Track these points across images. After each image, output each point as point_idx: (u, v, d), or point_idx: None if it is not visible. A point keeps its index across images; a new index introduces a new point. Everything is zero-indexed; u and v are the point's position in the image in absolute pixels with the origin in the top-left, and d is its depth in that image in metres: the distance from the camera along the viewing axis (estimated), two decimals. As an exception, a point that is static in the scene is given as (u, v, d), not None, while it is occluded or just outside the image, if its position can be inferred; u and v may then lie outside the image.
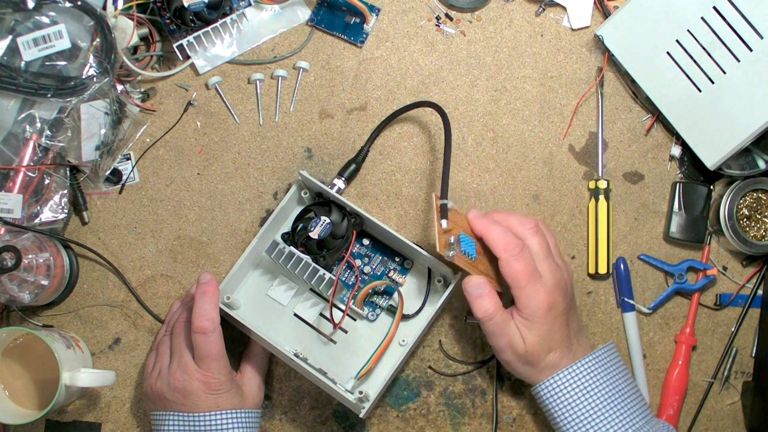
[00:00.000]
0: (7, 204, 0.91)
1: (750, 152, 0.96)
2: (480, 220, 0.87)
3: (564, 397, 0.85)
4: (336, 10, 0.99)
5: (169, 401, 0.86)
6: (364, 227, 0.92)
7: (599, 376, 0.85)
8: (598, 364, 0.86)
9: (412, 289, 0.93)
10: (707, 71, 0.91)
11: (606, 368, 0.86)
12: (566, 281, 0.86)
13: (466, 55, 0.99)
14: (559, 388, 0.85)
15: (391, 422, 0.96)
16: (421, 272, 0.93)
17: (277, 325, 0.93)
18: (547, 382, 0.86)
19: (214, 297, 0.86)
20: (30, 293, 0.90)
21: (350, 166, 0.95)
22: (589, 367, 0.86)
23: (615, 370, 0.87)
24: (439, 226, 0.84)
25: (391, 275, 0.93)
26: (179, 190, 0.98)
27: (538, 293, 0.83)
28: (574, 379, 0.85)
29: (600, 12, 0.99)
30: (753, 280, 0.97)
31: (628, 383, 0.87)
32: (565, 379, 0.85)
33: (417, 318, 0.92)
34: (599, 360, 0.86)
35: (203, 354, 0.84)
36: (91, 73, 0.91)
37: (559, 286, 0.85)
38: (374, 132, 0.96)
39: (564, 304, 0.85)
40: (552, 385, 0.86)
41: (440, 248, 0.83)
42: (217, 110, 0.98)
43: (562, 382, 0.85)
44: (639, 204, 0.98)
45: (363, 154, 0.96)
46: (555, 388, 0.86)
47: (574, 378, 0.85)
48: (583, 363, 0.86)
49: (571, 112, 0.98)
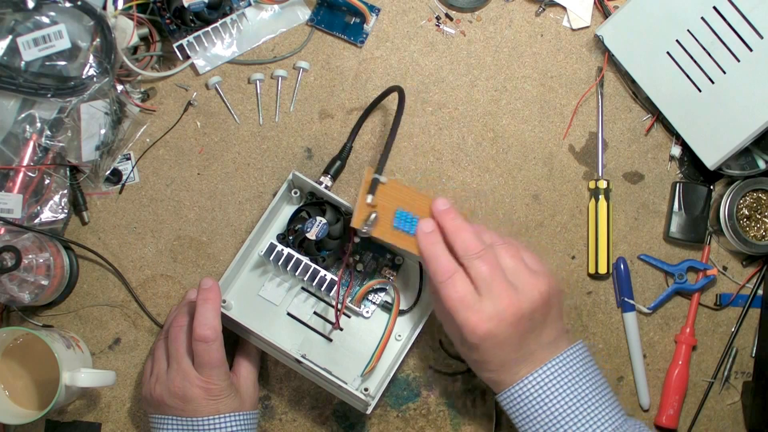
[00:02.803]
0: (7, 204, 0.91)
1: (750, 152, 0.96)
2: (424, 237, 0.83)
3: (526, 406, 0.80)
4: (336, 10, 0.99)
5: (169, 406, 0.86)
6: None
7: (563, 382, 0.80)
8: (562, 368, 0.80)
9: (406, 285, 0.94)
10: (707, 71, 0.91)
11: (571, 372, 0.80)
12: (517, 308, 0.79)
13: (466, 55, 0.99)
14: (520, 397, 0.80)
15: (391, 422, 0.96)
16: (413, 267, 0.94)
17: (271, 325, 0.93)
18: (507, 392, 0.81)
19: (215, 304, 0.85)
20: (30, 293, 0.90)
21: (335, 162, 0.95)
22: (552, 373, 0.80)
23: (582, 372, 0.81)
24: (362, 198, 0.83)
25: (384, 271, 0.93)
26: (179, 190, 0.98)
27: (469, 322, 0.78)
28: (535, 388, 0.80)
29: (600, 12, 0.99)
30: (753, 280, 0.97)
31: (597, 385, 0.81)
32: (526, 388, 0.80)
33: (411, 313, 0.92)
34: (563, 365, 0.80)
35: (204, 362, 0.84)
36: (91, 73, 0.91)
37: (505, 314, 0.78)
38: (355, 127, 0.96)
39: (509, 331, 0.79)
40: (512, 395, 0.81)
41: (355, 222, 0.82)
42: (217, 110, 0.98)
43: (523, 391, 0.80)
44: (639, 204, 0.98)
45: (347, 151, 0.95)
46: (515, 399, 0.80)
47: (535, 386, 0.80)
48: (544, 370, 0.80)
49: (571, 112, 0.98)
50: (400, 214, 0.84)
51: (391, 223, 0.84)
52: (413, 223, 0.84)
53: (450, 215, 0.83)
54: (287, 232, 0.92)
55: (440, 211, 0.84)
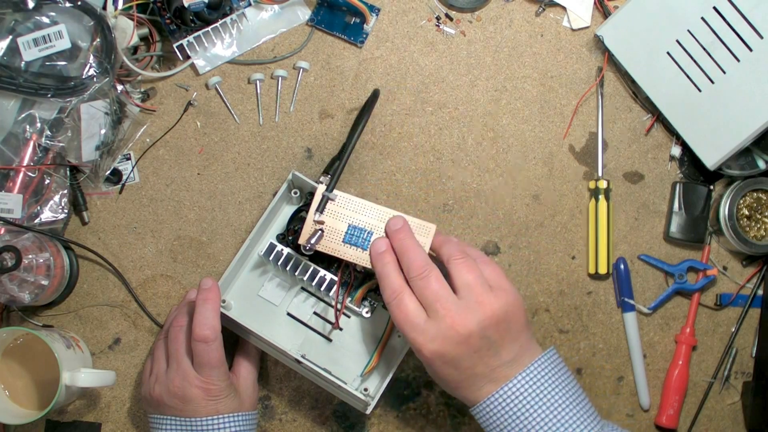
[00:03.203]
0: (7, 204, 0.91)
1: (750, 152, 0.96)
2: (376, 257, 0.84)
3: (498, 422, 0.79)
4: (336, 10, 0.99)
5: (168, 406, 0.86)
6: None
7: (533, 395, 0.78)
8: (530, 382, 0.79)
9: None
10: (707, 71, 0.91)
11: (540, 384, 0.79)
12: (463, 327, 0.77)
13: (466, 55, 0.99)
14: (491, 413, 0.79)
15: (391, 422, 0.96)
16: None
17: (270, 325, 0.93)
18: (477, 408, 0.80)
19: (215, 304, 0.85)
20: (30, 293, 0.90)
21: (335, 163, 0.95)
22: (520, 387, 0.79)
23: (552, 383, 0.79)
24: (310, 215, 0.87)
25: None
26: (179, 190, 0.98)
27: (415, 342, 0.79)
28: (504, 403, 0.78)
29: (600, 12, 0.99)
30: (753, 280, 0.97)
31: (569, 394, 0.80)
32: (495, 405, 0.79)
33: None
34: (529, 378, 0.79)
35: (204, 362, 0.84)
36: (91, 73, 0.91)
37: (449, 333, 0.77)
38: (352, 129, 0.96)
39: (457, 350, 0.78)
40: (483, 411, 0.80)
41: (301, 239, 0.87)
42: (217, 110, 0.98)
43: (492, 407, 0.79)
44: (639, 204, 0.98)
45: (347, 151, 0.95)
46: (486, 414, 0.79)
47: (503, 401, 0.78)
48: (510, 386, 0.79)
49: (571, 112, 0.98)
50: (351, 229, 0.87)
51: (341, 238, 0.87)
52: (366, 237, 0.86)
53: (400, 235, 0.84)
54: (287, 232, 0.92)
55: (392, 231, 0.85)
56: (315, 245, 0.86)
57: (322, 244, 0.87)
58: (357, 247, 0.86)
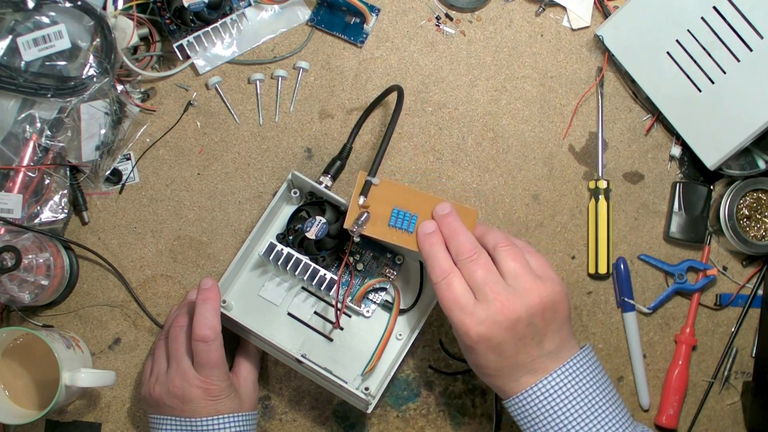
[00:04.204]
0: (7, 204, 0.91)
1: (750, 152, 0.96)
2: (424, 238, 0.84)
3: (533, 414, 0.79)
4: (336, 10, 0.99)
5: (168, 406, 0.86)
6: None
7: (570, 390, 0.79)
8: (569, 377, 0.79)
9: (406, 284, 0.94)
10: (707, 71, 0.91)
11: (578, 380, 0.79)
12: (512, 311, 0.78)
13: (466, 55, 0.99)
14: (527, 406, 0.79)
15: (391, 422, 0.96)
16: (413, 266, 0.94)
17: (271, 325, 0.93)
18: (513, 399, 0.80)
19: (215, 304, 0.85)
20: (30, 293, 0.90)
21: (335, 162, 0.95)
22: (559, 382, 0.79)
23: (589, 380, 0.80)
24: (354, 200, 0.86)
25: (384, 271, 0.93)
26: (179, 190, 0.98)
27: (462, 324, 0.78)
28: (541, 397, 0.79)
29: (600, 12, 0.99)
30: (753, 280, 0.98)
31: (605, 392, 0.80)
32: (532, 398, 0.79)
33: (412, 312, 0.92)
34: (569, 373, 0.79)
35: (204, 362, 0.84)
36: (91, 73, 0.91)
37: (498, 317, 0.77)
38: (355, 128, 0.96)
39: (504, 335, 0.78)
40: (519, 403, 0.80)
41: (347, 222, 0.85)
42: (217, 110, 0.98)
43: (529, 400, 0.79)
44: (639, 204, 0.98)
45: (347, 151, 0.95)
46: (522, 407, 0.80)
47: (541, 395, 0.79)
48: (550, 379, 0.79)
49: (571, 112, 0.98)
50: (396, 212, 0.86)
51: (386, 221, 0.86)
52: (411, 221, 0.86)
53: (448, 219, 0.84)
54: (287, 231, 0.92)
55: (440, 216, 0.85)
56: (362, 227, 0.85)
57: (368, 228, 0.86)
58: (403, 230, 0.86)
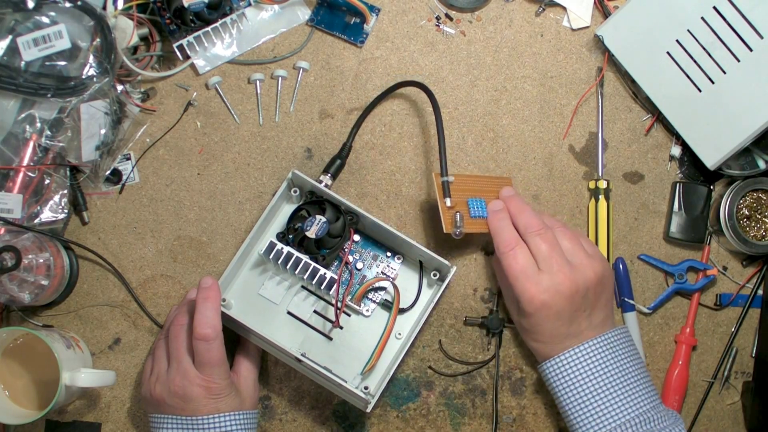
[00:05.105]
0: (7, 204, 0.91)
1: (750, 152, 0.96)
2: (494, 215, 0.90)
3: (567, 377, 0.86)
4: (336, 10, 0.99)
5: (169, 406, 0.86)
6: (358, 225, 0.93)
7: (605, 359, 0.85)
8: (606, 346, 0.86)
9: (405, 283, 0.94)
10: (707, 71, 0.91)
11: (613, 351, 0.86)
12: (572, 282, 0.85)
13: (466, 55, 0.99)
14: (563, 368, 0.86)
15: (391, 422, 0.96)
16: (413, 265, 0.94)
17: (271, 324, 0.93)
18: (551, 361, 0.86)
19: (215, 302, 0.85)
20: (30, 293, 0.90)
21: (335, 161, 0.95)
22: (596, 349, 0.86)
23: (623, 353, 0.86)
24: (443, 204, 0.88)
25: (384, 270, 0.94)
26: (179, 190, 0.98)
27: (527, 291, 0.85)
28: (578, 361, 0.85)
29: (600, 12, 0.99)
30: (753, 280, 0.97)
31: (637, 367, 0.86)
32: (569, 360, 0.86)
33: (412, 311, 0.93)
34: (607, 342, 0.86)
35: (204, 361, 0.84)
36: (91, 73, 0.91)
37: (561, 287, 0.85)
38: (357, 123, 0.96)
39: (563, 304, 0.85)
40: (555, 365, 0.86)
41: (446, 228, 0.88)
42: (217, 110, 0.98)
43: (566, 362, 0.86)
44: (639, 204, 0.98)
45: (347, 150, 0.95)
46: (558, 369, 0.86)
47: (578, 359, 0.85)
48: (589, 345, 0.86)
49: (571, 112, 0.98)
50: (472, 202, 0.90)
51: (469, 214, 0.90)
52: (483, 206, 0.91)
53: (514, 200, 0.91)
54: (287, 230, 0.92)
55: (507, 197, 0.92)
56: (462, 227, 0.88)
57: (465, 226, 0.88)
58: (481, 218, 0.90)
